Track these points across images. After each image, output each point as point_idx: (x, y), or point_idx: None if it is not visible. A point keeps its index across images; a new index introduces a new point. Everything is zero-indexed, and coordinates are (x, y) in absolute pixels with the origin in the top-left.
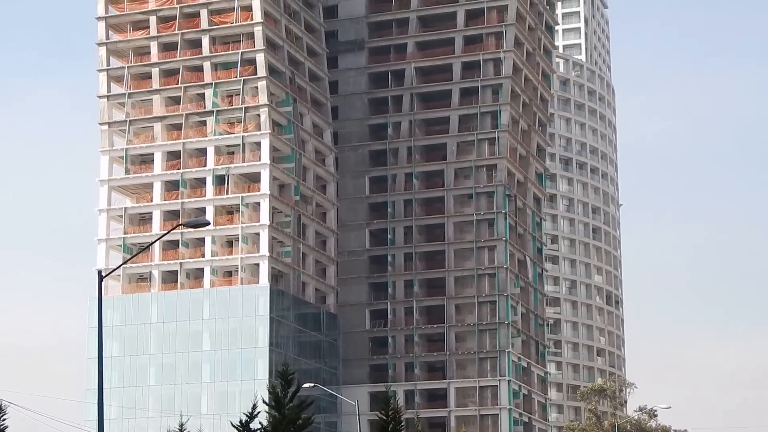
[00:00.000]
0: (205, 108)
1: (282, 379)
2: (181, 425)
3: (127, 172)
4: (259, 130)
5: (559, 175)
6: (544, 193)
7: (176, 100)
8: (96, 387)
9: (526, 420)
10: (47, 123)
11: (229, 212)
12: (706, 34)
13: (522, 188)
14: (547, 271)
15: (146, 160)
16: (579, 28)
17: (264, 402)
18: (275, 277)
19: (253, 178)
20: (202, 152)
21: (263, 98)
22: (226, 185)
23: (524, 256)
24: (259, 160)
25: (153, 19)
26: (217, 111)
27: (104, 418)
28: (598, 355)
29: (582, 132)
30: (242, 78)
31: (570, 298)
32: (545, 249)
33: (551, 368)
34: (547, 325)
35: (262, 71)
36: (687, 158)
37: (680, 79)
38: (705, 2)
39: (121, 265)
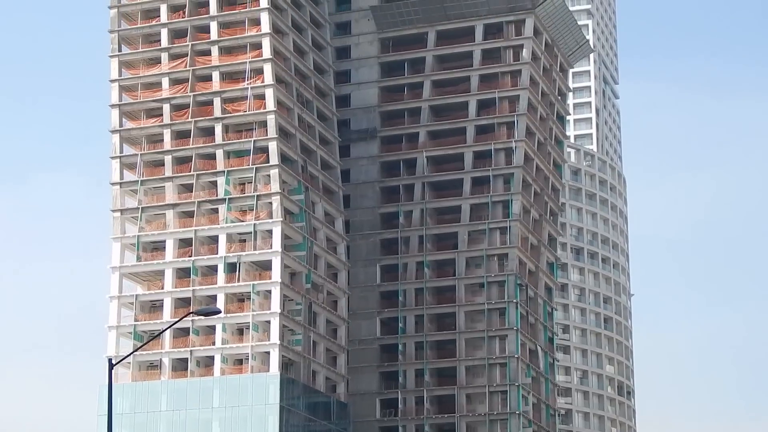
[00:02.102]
0: (217, 195)
1: None
2: None
3: (138, 259)
4: (271, 218)
5: (571, 265)
6: (555, 282)
7: (188, 188)
8: None
9: None
10: (60, 209)
11: (240, 300)
12: (715, 124)
13: (533, 277)
14: (558, 360)
15: (158, 247)
16: (590, 119)
17: None
18: (286, 365)
19: (265, 266)
20: (214, 240)
21: (275, 186)
22: (237, 273)
23: (535, 346)
24: (271, 248)
25: (166, 107)
26: (230, 199)
27: None
28: None
29: (593, 222)
30: (254, 166)
31: (581, 388)
32: (556, 339)
33: None
34: (559, 415)
35: (274, 159)
36: (698, 248)
37: (691, 169)
38: (714, 93)
39: (132, 353)
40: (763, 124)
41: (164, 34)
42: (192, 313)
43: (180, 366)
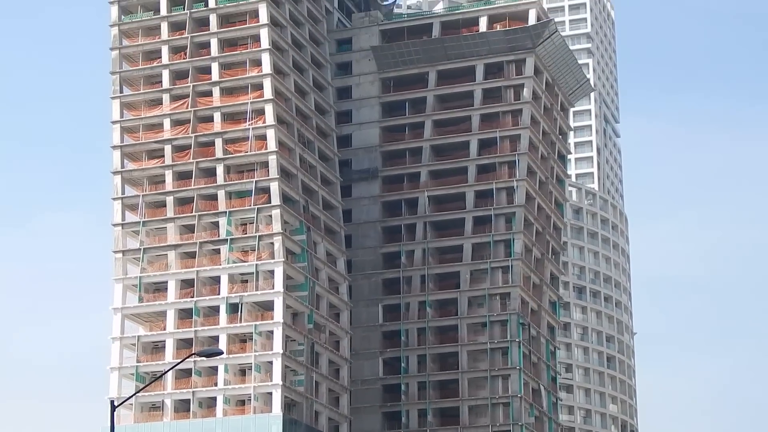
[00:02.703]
0: (219, 236)
1: None
2: None
3: (140, 300)
4: (273, 258)
5: (573, 304)
6: (557, 321)
7: (190, 229)
8: None
9: None
10: (61, 250)
11: (242, 341)
12: (717, 161)
13: (536, 317)
14: (561, 400)
15: (160, 288)
16: (591, 157)
17: None
18: (288, 406)
19: (267, 307)
20: (216, 280)
21: (277, 227)
22: (239, 314)
23: (538, 385)
24: (273, 288)
25: (168, 148)
26: (231, 239)
27: None
28: None
29: (595, 260)
30: (256, 206)
31: (585, 427)
32: (559, 378)
33: None
34: None
35: (276, 200)
36: (701, 286)
37: (693, 206)
38: (715, 129)
39: (134, 394)
40: (766, 161)
41: (165, 75)
42: (194, 354)
43: (182, 407)
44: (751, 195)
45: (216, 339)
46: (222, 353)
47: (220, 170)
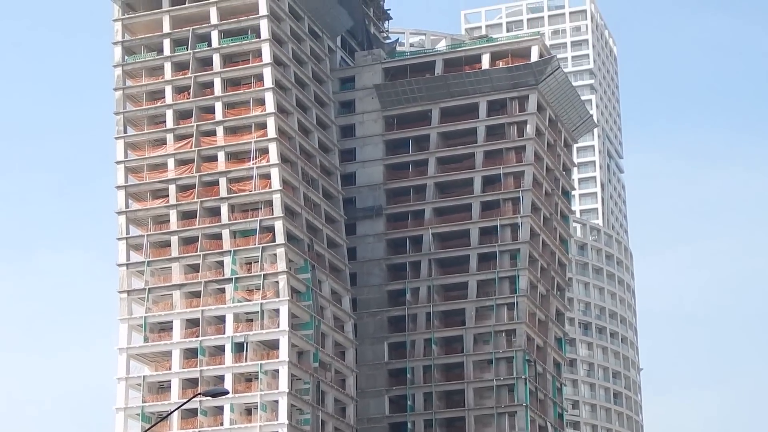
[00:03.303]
0: (224, 275)
1: None
2: None
3: (146, 340)
4: (278, 297)
5: (579, 340)
6: (564, 357)
7: (195, 268)
8: None
9: None
10: (66, 289)
11: (247, 380)
12: (723, 196)
13: (542, 353)
14: None
15: (165, 328)
16: (595, 193)
17: None
18: None
19: (272, 345)
20: (221, 320)
21: (282, 265)
22: (245, 353)
23: (545, 422)
24: (278, 327)
25: (172, 188)
26: (236, 278)
27: None
28: None
29: (601, 296)
30: (261, 245)
31: None
32: (566, 414)
33: None
34: None
35: (280, 239)
36: (707, 321)
37: (698, 240)
38: (719, 166)
39: None
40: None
41: (169, 115)
42: (200, 394)
43: None
44: (756, 227)
45: (221, 378)
46: (228, 392)
47: (224, 209)
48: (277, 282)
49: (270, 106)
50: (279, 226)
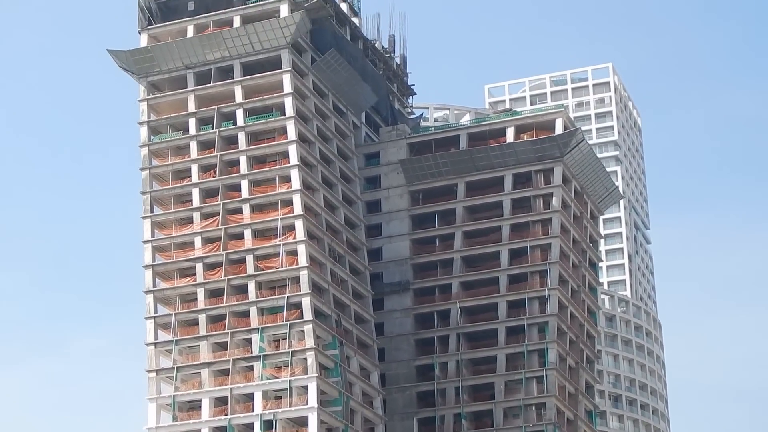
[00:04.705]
0: (251, 353)
1: None
2: None
3: (174, 419)
4: (306, 373)
5: (609, 412)
6: (594, 430)
7: (223, 346)
8: None
9: None
10: (95, 370)
11: None
12: (752, 266)
13: (572, 426)
14: None
15: (194, 406)
16: (623, 265)
17: None
18: None
19: (301, 422)
20: (250, 397)
21: (310, 342)
22: (273, 430)
23: None
24: (307, 403)
25: (199, 266)
26: (264, 356)
27: None
28: None
29: (630, 368)
30: (289, 322)
31: None
32: None
33: None
34: None
35: (308, 315)
36: (739, 391)
37: (728, 309)
38: (746, 237)
39: None
40: None
41: (196, 194)
42: None
43: None
44: None
45: None
46: None
47: (251, 287)
48: (305, 359)
49: (296, 183)
50: (306, 302)
